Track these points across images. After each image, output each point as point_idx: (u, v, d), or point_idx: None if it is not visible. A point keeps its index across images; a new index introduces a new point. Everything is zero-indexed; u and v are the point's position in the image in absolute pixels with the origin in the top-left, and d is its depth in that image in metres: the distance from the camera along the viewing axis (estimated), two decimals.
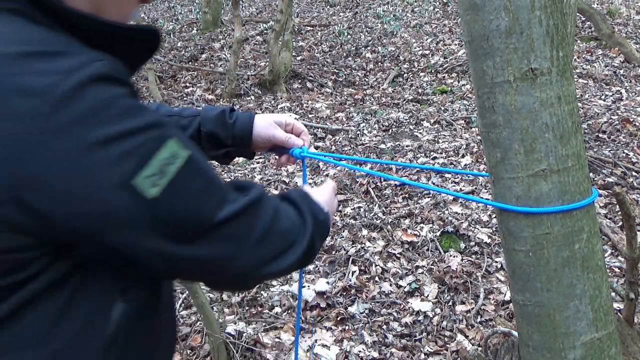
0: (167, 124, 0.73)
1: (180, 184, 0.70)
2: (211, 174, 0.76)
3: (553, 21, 0.96)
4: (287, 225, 0.87)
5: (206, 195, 0.74)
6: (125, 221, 0.68)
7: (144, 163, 0.67)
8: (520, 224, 1.04)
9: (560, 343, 1.06)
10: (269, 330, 2.67)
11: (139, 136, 0.68)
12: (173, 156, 0.70)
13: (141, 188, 0.67)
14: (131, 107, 0.69)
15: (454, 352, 2.48)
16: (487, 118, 1.04)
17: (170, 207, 0.70)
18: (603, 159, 4.07)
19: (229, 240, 0.77)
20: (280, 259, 0.84)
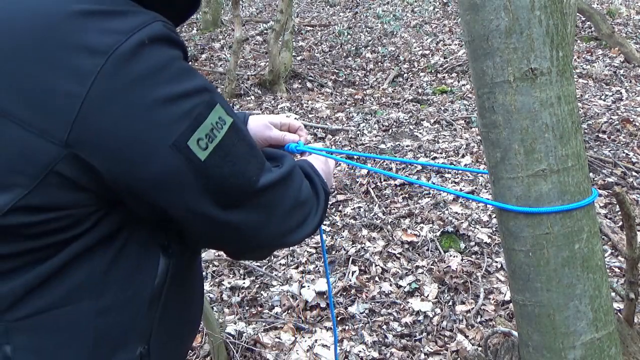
0: (213, 88, 0.74)
1: (225, 150, 0.72)
2: (252, 141, 0.78)
3: (553, 21, 0.96)
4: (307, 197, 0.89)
5: (249, 162, 0.76)
6: (175, 182, 0.69)
7: (196, 126, 0.69)
8: (520, 224, 1.04)
9: (560, 343, 1.06)
10: (269, 330, 2.67)
11: (193, 99, 0.69)
12: (220, 121, 0.72)
13: (194, 150, 0.69)
14: (186, 69, 0.70)
15: (454, 352, 2.48)
16: (487, 118, 1.04)
17: (217, 170, 0.71)
18: (603, 159, 4.07)
19: (265, 207, 0.79)
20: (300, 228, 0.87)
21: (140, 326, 0.79)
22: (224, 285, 3.06)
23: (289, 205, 0.83)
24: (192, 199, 0.72)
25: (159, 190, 0.70)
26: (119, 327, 0.76)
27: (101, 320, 0.74)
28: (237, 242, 0.81)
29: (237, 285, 3.05)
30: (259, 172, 0.77)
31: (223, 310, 2.85)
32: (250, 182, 0.76)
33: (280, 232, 0.83)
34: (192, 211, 0.73)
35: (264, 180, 0.77)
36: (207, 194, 0.72)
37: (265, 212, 0.79)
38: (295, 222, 0.86)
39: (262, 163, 0.79)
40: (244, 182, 0.75)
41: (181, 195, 0.71)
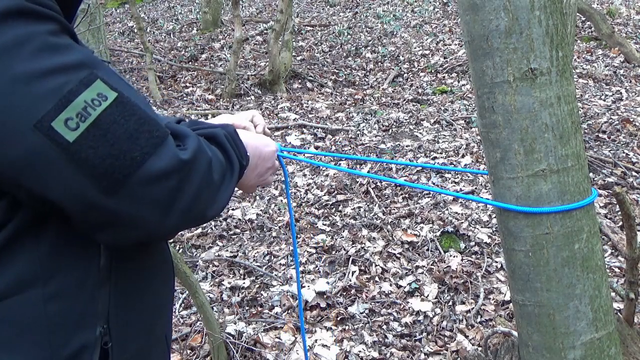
0: (94, 62, 0.69)
1: (102, 128, 0.66)
2: (144, 115, 0.71)
3: (553, 21, 0.96)
4: (219, 174, 0.83)
5: (132, 142, 0.69)
6: (43, 165, 0.65)
7: (65, 104, 0.64)
8: (520, 224, 1.04)
9: (560, 343, 1.06)
10: (269, 330, 2.67)
11: (61, 75, 0.65)
12: (98, 97, 0.67)
13: (59, 131, 0.64)
14: (52, 44, 0.65)
15: (454, 352, 2.48)
16: (487, 118, 1.04)
17: (89, 152, 0.66)
18: (603, 159, 4.07)
19: (153, 198, 0.71)
20: (212, 206, 0.82)
21: (95, 307, 0.78)
22: (224, 285, 3.06)
23: (194, 189, 0.76)
24: (66, 183, 0.67)
25: (28, 174, 0.65)
26: (71, 310, 0.76)
27: (51, 307, 0.74)
28: (129, 232, 0.74)
29: (237, 285, 3.05)
30: (148, 151, 0.70)
31: (223, 310, 2.85)
32: (134, 162, 0.68)
33: (183, 219, 0.76)
34: (70, 197, 0.68)
35: (153, 166, 0.70)
36: (83, 177, 0.66)
37: (155, 202, 0.71)
38: (203, 203, 0.79)
39: (157, 138, 0.71)
40: (127, 163, 0.68)
41: (53, 179, 0.66)
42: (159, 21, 11.10)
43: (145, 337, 0.89)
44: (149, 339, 0.91)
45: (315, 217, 3.75)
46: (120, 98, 0.69)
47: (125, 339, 0.83)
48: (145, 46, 7.01)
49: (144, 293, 0.88)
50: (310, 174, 4.45)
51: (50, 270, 0.74)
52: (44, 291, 0.73)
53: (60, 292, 0.75)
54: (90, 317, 0.78)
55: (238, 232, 3.69)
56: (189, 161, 0.75)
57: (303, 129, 5.58)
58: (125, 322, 0.83)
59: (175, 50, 8.93)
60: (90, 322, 0.78)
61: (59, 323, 0.75)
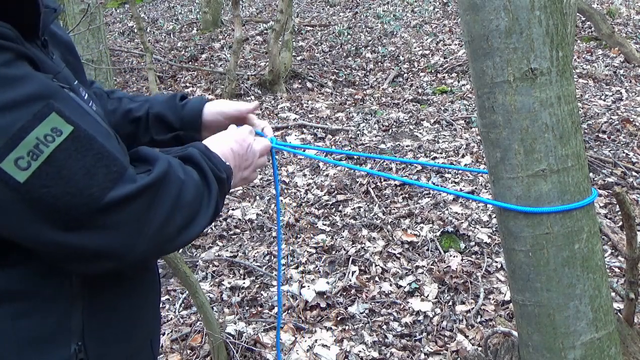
0: (51, 92, 0.66)
1: (56, 166, 0.63)
2: (101, 149, 0.68)
3: (553, 21, 0.96)
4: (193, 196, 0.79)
5: (89, 178, 0.65)
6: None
7: (14, 144, 0.61)
8: (520, 224, 1.04)
9: (560, 343, 1.06)
10: (269, 330, 2.67)
11: (9, 112, 0.61)
12: (52, 133, 0.63)
13: (9, 172, 0.61)
14: (3, 78, 0.62)
15: (454, 352, 2.48)
16: (487, 118, 1.04)
17: (43, 192, 0.63)
18: (603, 159, 4.07)
19: (120, 227, 0.68)
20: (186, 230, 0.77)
21: (68, 324, 0.76)
22: (224, 285, 3.06)
23: (157, 219, 0.72)
24: (22, 223, 0.64)
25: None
26: (41, 328, 0.74)
27: (21, 323, 0.72)
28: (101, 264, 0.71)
29: (237, 285, 3.05)
30: (108, 185, 0.67)
31: (223, 310, 2.85)
32: (93, 199, 0.65)
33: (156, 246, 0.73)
34: (31, 237, 0.65)
35: (114, 195, 0.67)
36: (39, 217, 0.64)
37: (122, 230, 0.68)
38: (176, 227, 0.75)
39: (116, 173, 0.68)
40: (84, 201, 0.65)
41: (8, 220, 0.64)
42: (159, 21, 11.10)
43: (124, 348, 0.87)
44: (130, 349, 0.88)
45: (315, 217, 3.75)
46: (77, 132, 0.65)
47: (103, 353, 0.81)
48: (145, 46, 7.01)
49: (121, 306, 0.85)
50: (310, 174, 4.44)
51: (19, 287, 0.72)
52: (13, 308, 0.71)
53: (30, 309, 0.73)
54: (64, 334, 0.76)
55: (238, 232, 3.69)
56: (152, 184, 0.71)
57: (303, 129, 5.58)
58: (102, 337, 0.81)
59: (175, 50, 8.93)
60: (63, 340, 0.76)
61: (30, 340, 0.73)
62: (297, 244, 3.42)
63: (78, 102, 0.71)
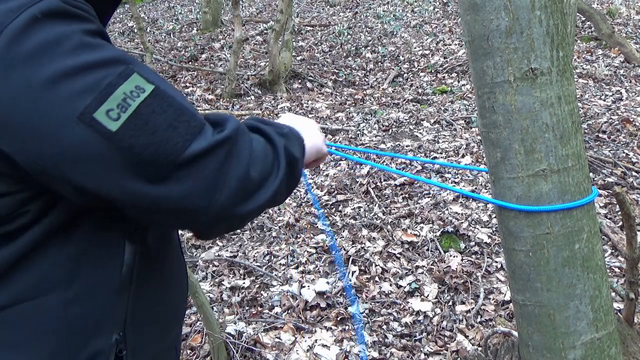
0: (129, 59, 0.71)
1: (143, 118, 0.68)
2: (180, 106, 0.73)
3: (553, 21, 0.96)
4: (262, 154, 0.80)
5: (172, 130, 0.70)
6: (89, 156, 0.67)
7: (104, 97, 0.66)
8: (520, 224, 1.04)
9: (560, 343, 1.06)
10: (269, 330, 2.67)
11: (97, 70, 0.66)
12: (137, 90, 0.68)
13: (102, 122, 0.65)
14: (87, 43, 0.67)
15: (454, 352, 2.48)
16: (487, 118, 1.04)
17: (132, 141, 0.67)
18: (603, 159, 4.07)
19: (202, 177, 0.72)
20: (254, 196, 0.78)
21: (113, 314, 0.79)
22: (224, 285, 3.06)
23: (235, 171, 0.74)
24: (113, 173, 0.68)
25: (75, 167, 0.67)
26: (90, 316, 0.76)
27: (71, 311, 0.74)
28: (184, 217, 0.74)
29: (237, 285, 3.05)
30: (189, 138, 0.71)
31: (223, 310, 2.85)
32: (176, 150, 0.70)
33: (228, 202, 0.74)
34: (118, 187, 0.69)
35: (196, 147, 0.71)
36: (128, 167, 0.68)
37: (203, 181, 0.71)
38: (245, 190, 0.76)
39: (193, 130, 0.72)
40: (169, 151, 0.69)
41: (100, 170, 0.67)
42: (159, 21, 11.10)
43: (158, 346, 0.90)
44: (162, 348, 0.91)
45: (315, 217, 3.75)
46: (157, 90, 0.71)
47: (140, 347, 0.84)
48: (145, 46, 7.01)
49: (160, 302, 0.88)
50: (310, 174, 4.44)
51: (73, 274, 0.74)
52: (66, 294, 0.74)
53: (81, 297, 0.75)
54: (108, 324, 0.78)
55: (238, 232, 3.69)
56: (228, 138, 0.75)
57: None
58: (141, 331, 0.84)
59: (175, 50, 8.93)
60: (107, 329, 0.78)
61: (78, 327, 0.75)
62: (297, 244, 3.42)
63: (152, 70, 0.76)
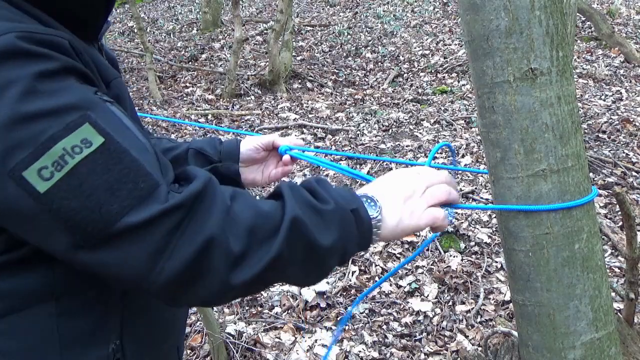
0: (90, 105, 0.64)
1: (78, 179, 0.62)
2: (132, 164, 0.65)
3: (553, 21, 0.96)
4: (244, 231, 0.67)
5: (109, 195, 0.63)
6: (19, 213, 0.63)
7: (40, 153, 0.60)
8: (520, 224, 1.04)
9: (560, 343, 1.06)
10: (269, 330, 2.67)
11: (39, 122, 0.61)
12: (81, 144, 0.62)
13: (31, 182, 0.61)
14: (37, 89, 0.61)
15: (454, 352, 2.48)
16: (487, 118, 1.04)
17: (65, 203, 0.62)
18: (603, 159, 4.07)
19: (140, 248, 0.63)
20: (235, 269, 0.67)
21: (109, 323, 0.77)
22: None
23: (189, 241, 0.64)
24: (46, 233, 0.63)
25: (10, 221, 0.64)
26: (84, 326, 0.75)
27: (66, 322, 0.73)
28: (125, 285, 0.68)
29: None
30: (129, 204, 0.63)
31: (223, 310, 2.85)
32: (110, 218, 0.62)
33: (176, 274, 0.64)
34: (54, 247, 0.65)
35: (135, 217, 0.63)
36: (57, 229, 0.63)
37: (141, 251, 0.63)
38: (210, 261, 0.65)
39: (144, 190, 0.64)
40: (102, 218, 0.62)
41: (33, 228, 0.64)
42: (159, 21, 11.10)
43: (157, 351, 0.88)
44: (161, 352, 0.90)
45: None
46: (107, 144, 0.63)
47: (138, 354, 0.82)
48: (145, 46, 7.01)
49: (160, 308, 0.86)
50: (310, 174, 4.44)
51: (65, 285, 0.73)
52: (57, 306, 0.73)
53: (74, 308, 0.74)
54: (104, 333, 0.77)
55: None
56: (181, 205, 0.65)
57: (303, 129, 5.58)
58: (139, 338, 0.82)
59: (175, 50, 8.93)
60: (103, 338, 0.77)
61: (72, 339, 0.74)
62: None
63: (118, 116, 0.68)
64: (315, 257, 0.72)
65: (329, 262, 0.74)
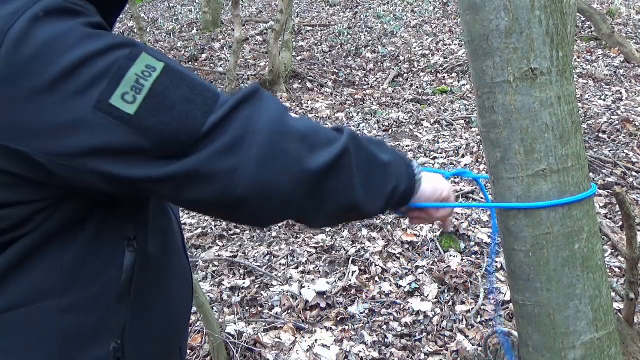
0: (135, 42, 0.71)
1: (159, 97, 0.68)
2: (193, 80, 0.72)
3: (553, 21, 0.96)
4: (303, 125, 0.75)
5: (189, 104, 0.69)
6: (113, 144, 0.66)
7: (117, 81, 0.66)
8: (520, 224, 1.04)
9: (560, 343, 1.06)
10: (269, 330, 2.67)
11: (104, 57, 0.66)
12: (148, 69, 0.68)
13: (119, 107, 0.65)
14: (90, 33, 0.67)
15: (454, 352, 2.48)
16: (487, 118, 1.04)
17: (152, 121, 0.67)
18: (603, 159, 4.07)
19: (225, 140, 0.70)
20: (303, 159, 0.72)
21: (111, 322, 0.78)
22: (224, 285, 3.06)
23: (261, 123, 0.71)
24: (140, 157, 0.67)
25: (102, 158, 0.66)
26: (87, 324, 0.76)
27: (67, 319, 0.74)
28: (218, 195, 0.71)
29: (237, 285, 3.05)
30: (207, 110, 0.70)
31: (223, 310, 2.85)
32: (197, 123, 0.68)
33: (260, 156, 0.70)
34: (148, 170, 0.68)
35: (214, 117, 0.69)
36: (154, 148, 0.67)
37: (227, 141, 0.69)
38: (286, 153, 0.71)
39: (211, 99, 0.71)
40: (190, 125, 0.68)
41: (126, 156, 0.67)
42: (159, 21, 11.10)
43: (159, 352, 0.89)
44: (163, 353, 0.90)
45: None
46: (168, 67, 0.70)
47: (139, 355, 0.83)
48: None
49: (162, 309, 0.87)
50: None
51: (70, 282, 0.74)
52: (62, 302, 0.73)
53: (78, 305, 0.75)
54: (105, 332, 0.78)
55: (238, 232, 3.69)
56: (245, 98, 0.72)
57: None
58: (140, 339, 0.83)
59: (175, 50, 8.93)
60: (104, 337, 0.78)
61: (74, 335, 0.75)
62: (297, 244, 3.42)
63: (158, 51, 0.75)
64: (376, 170, 0.82)
65: (388, 182, 0.83)
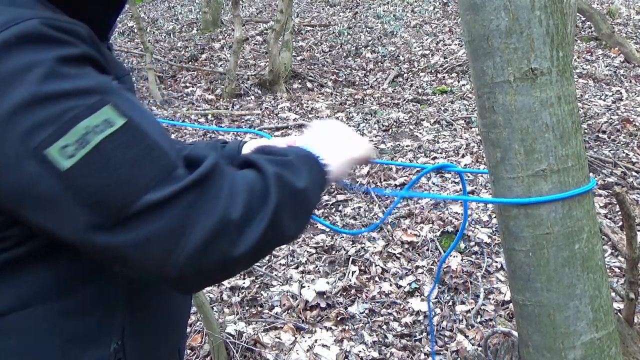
0: (108, 89, 0.65)
1: (102, 156, 0.62)
2: (154, 142, 0.66)
3: (553, 21, 0.96)
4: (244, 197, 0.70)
5: (137, 169, 0.63)
6: (39, 195, 0.62)
7: (63, 131, 0.61)
8: (520, 223, 1.04)
9: (560, 343, 1.06)
10: (269, 330, 2.67)
11: (60, 102, 0.61)
12: (104, 124, 0.62)
13: (54, 159, 0.61)
14: (59, 71, 0.62)
15: (454, 352, 2.48)
16: (487, 118, 1.04)
17: (84, 181, 0.62)
18: (603, 159, 4.07)
19: (163, 226, 0.64)
20: (240, 239, 0.68)
21: (110, 324, 0.78)
22: (224, 285, 3.06)
23: (206, 216, 0.66)
24: (66, 215, 0.63)
25: (29, 205, 0.63)
26: (87, 326, 0.75)
27: (67, 321, 0.73)
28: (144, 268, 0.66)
29: (237, 285, 3.05)
30: (152, 181, 0.64)
31: (223, 310, 2.85)
32: (134, 195, 0.62)
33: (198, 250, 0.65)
34: (72, 230, 0.64)
35: (157, 194, 0.63)
36: (81, 209, 0.62)
37: (164, 229, 0.64)
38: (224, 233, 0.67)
39: (165, 167, 0.65)
40: (126, 194, 0.62)
41: (52, 211, 0.63)
42: (159, 21, 11.10)
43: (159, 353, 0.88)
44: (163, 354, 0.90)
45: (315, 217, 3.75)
46: (129, 125, 0.64)
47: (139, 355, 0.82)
48: (145, 46, 7.01)
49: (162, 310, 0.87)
50: None
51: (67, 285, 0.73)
52: (59, 306, 0.73)
53: (76, 307, 0.74)
54: (105, 333, 0.77)
55: None
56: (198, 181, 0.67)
57: (303, 129, 5.58)
58: (141, 339, 0.82)
59: (175, 50, 8.93)
60: (105, 339, 0.77)
61: (73, 338, 0.74)
62: (297, 244, 3.42)
63: (135, 101, 0.70)
64: (300, 200, 0.77)
65: (312, 200, 0.81)
